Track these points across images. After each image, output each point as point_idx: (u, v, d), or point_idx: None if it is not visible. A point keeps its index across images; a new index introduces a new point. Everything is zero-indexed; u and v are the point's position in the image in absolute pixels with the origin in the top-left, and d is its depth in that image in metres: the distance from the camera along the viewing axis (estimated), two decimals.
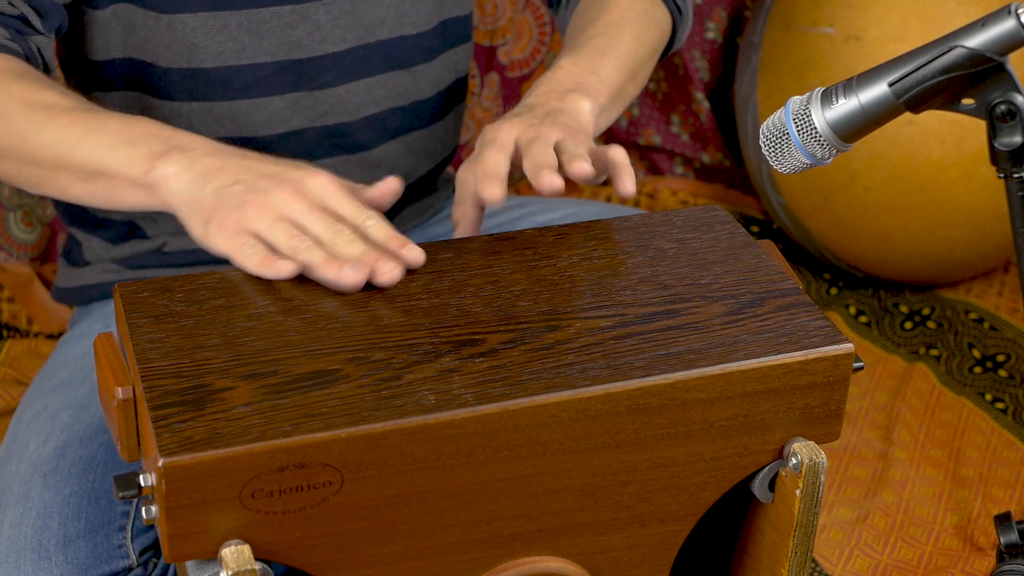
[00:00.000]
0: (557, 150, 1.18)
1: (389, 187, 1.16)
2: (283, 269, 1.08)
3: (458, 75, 1.49)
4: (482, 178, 1.16)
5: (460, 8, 1.46)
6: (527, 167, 1.16)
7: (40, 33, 1.28)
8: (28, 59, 1.27)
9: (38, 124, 1.17)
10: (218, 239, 1.09)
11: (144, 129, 1.16)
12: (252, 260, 1.08)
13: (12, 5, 1.26)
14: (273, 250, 1.09)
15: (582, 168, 1.15)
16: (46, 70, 1.29)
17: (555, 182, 1.14)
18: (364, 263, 1.08)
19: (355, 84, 1.39)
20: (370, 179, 1.43)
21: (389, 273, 1.09)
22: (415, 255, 1.11)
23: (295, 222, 1.09)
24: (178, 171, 1.12)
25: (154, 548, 1.24)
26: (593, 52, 1.32)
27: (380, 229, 1.11)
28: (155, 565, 1.24)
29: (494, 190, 1.15)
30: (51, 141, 1.17)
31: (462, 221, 1.22)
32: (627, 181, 1.18)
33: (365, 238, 1.10)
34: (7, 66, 1.22)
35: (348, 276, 1.07)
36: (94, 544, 1.22)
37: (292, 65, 1.36)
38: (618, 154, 1.19)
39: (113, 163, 1.14)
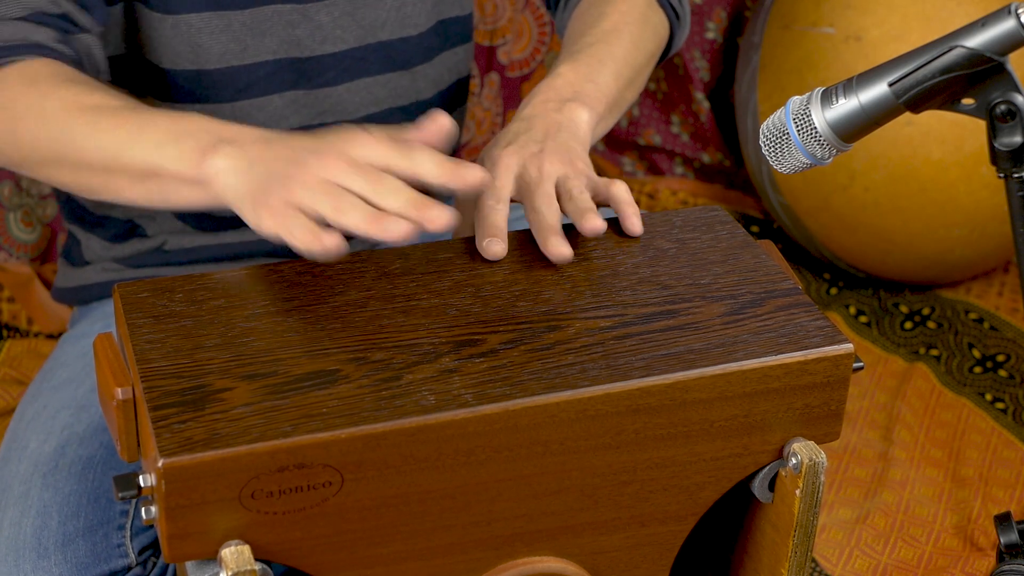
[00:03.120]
0: (561, 194, 1.17)
1: (438, 125, 1.10)
2: (329, 244, 1.02)
3: (459, 75, 1.49)
4: (481, 237, 1.14)
5: (459, 8, 1.46)
6: (533, 227, 1.15)
7: (87, 31, 1.25)
8: (79, 61, 1.24)
9: (86, 127, 1.14)
10: (267, 221, 1.05)
11: (192, 124, 1.12)
12: (298, 238, 1.03)
13: (54, 3, 1.23)
14: (321, 224, 1.04)
15: (594, 225, 1.13)
16: (96, 70, 1.27)
17: (563, 251, 1.12)
18: (410, 213, 1.03)
19: (355, 83, 1.40)
20: None
21: (438, 218, 1.03)
22: (473, 176, 1.05)
23: (338, 184, 1.04)
24: (229, 164, 1.07)
25: (153, 547, 1.24)
26: (591, 60, 1.31)
27: (430, 160, 1.05)
28: (154, 564, 1.24)
29: (495, 249, 1.13)
30: (101, 144, 1.13)
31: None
32: (634, 220, 1.17)
33: (412, 186, 1.04)
34: (54, 70, 1.19)
35: (392, 229, 1.01)
36: (93, 543, 1.22)
37: (292, 64, 1.36)
38: (621, 192, 1.18)
39: (162, 162, 1.10)
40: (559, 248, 1.12)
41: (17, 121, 1.17)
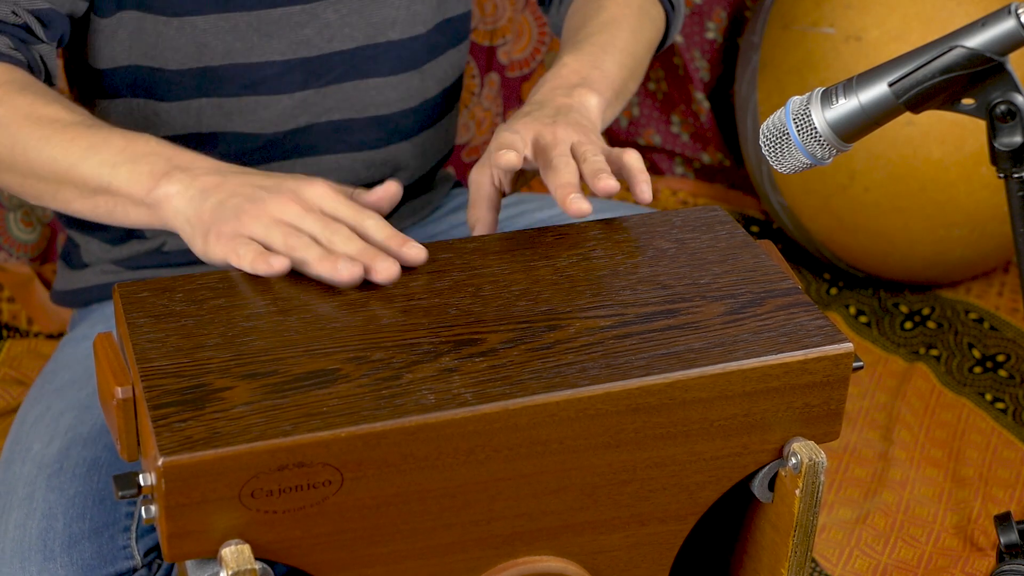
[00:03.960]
0: (576, 157, 1.18)
1: (388, 191, 1.16)
2: (276, 264, 1.07)
3: (459, 72, 1.50)
4: (497, 148, 1.17)
5: (461, 6, 1.46)
6: (553, 185, 1.16)
7: (43, 42, 1.28)
8: (31, 69, 1.26)
9: (40, 139, 1.17)
10: (216, 248, 1.09)
11: (147, 147, 1.15)
12: (246, 258, 1.08)
13: (15, 15, 1.25)
14: (269, 250, 1.08)
15: (608, 185, 1.15)
16: (48, 79, 1.29)
17: (584, 208, 1.14)
18: (359, 260, 1.08)
19: (364, 83, 1.40)
20: (375, 177, 1.43)
21: (386, 270, 1.08)
22: (415, 253, 1.11)
23: (292, 225, 1.09)
24: (180, 190, 1.11)
25: (159, 549, 1.24)
26: (594, 48, 1.32)
27: (379, 229, 1.11)
28: (159, 566, 1.24)
29: (509, 157, 1.16)
30: (53, 156, 1.16)
31: (478, 223, 1.22)
32: (644, 187, 1.18)
33: (363, 238, 1.10)
34: (10, 77, 1.22)
35: (344, 270, 1.06)
36: (99, 545, 1.22)
37: (301, 63, 1.36)
38: (633, 159, 1.19)
39: (115, 181, 1.14)
40: (579, 204, 1.14)
41: None
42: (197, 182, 1.12)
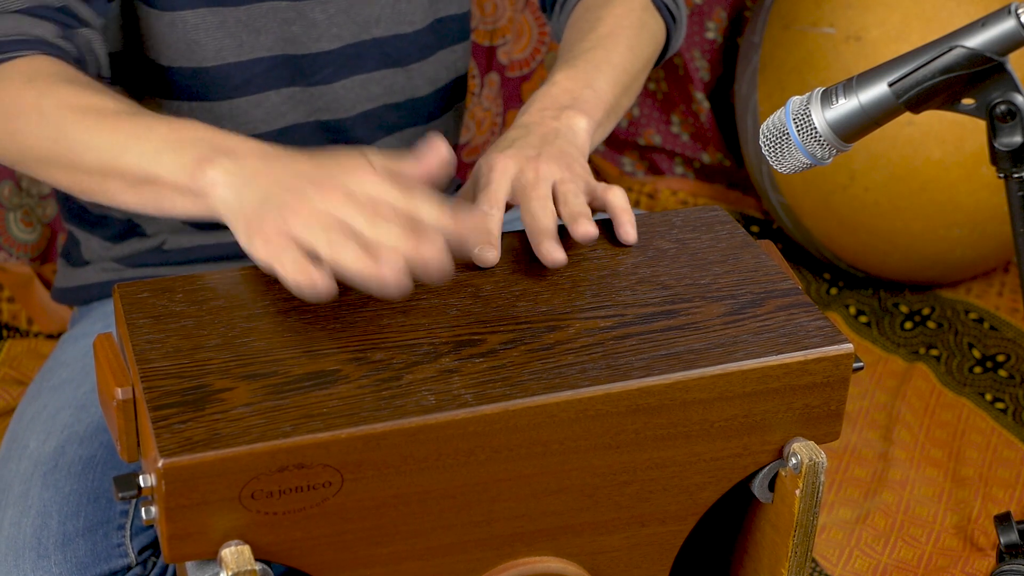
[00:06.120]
0: (557, 197, 1.16)
1: (438, 156, 1.05)
2: (319, 283, 1.00)
3: (457, 73, 1.49)
4: (474, 244, 1.09)
5: (456, 6, 1.46)
6: (528, 229, 1.14)
7: (87, 24, 1.24)
8: (80, 59, 1.22)
9: (83, 129, 1.12)
10: (260, 248, 1.03)
11: (191, 133, 1.09)
12: (288, 272, 1.00)
13: None
14: (312, 258, 1.01)
15: (587, 231, 1.13)
16: (99, 68, 1.25)
17: (556, 256, 1.12)
18: (403, 262, 0.99)
19: (350, 80, 1.40)
20: None
21: (438, 271, 0.99)
22: (489, 256, 1.05)
23: (338, 220, 1.00)
24: (224, 178, 1.04)
25: (153, 547, 1.24)
26: (588, 66, 1.31)
27: (429, 207, 1.01)
28: (154, 564, 1.24)
29: (488, 256, 1.12)
30: (97, 147, 1.11)
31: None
32: (628, 228, 1.16)
33: (413, 229, 1.00)
34: (55, 69, 1.17)
35: (389, 280, 0.99)
36: (93, 543, 1.22)
37: (288, 60, 1.36)
38: (617, 198, 1.17)
39: (159, 169, 1.07)
40: (552, 253, 1.12)
41: (15, 119, 1.15)
42: (241, 168, 1.05)
